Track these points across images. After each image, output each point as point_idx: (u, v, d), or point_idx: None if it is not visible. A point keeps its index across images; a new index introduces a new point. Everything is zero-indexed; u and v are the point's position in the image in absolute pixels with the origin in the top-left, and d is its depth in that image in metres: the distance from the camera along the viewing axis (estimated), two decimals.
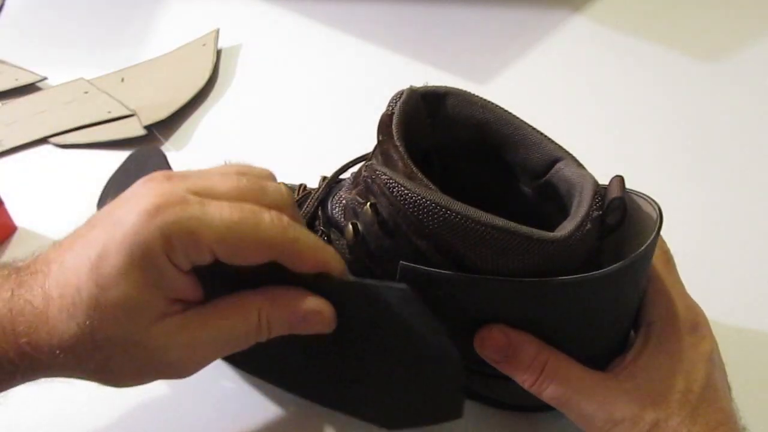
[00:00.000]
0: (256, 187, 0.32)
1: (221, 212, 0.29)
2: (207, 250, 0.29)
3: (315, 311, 0.32)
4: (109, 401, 0.41)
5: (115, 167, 0.59)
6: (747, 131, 0.58)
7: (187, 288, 0.30)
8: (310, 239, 0.32)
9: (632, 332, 0.36)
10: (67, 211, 0.55)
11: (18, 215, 0.54)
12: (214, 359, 0.32)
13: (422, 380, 0.34)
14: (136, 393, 0.36)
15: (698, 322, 0.34)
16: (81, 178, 0.58)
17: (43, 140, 0.61)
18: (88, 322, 0.28)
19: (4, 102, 0.66)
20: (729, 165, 0.55)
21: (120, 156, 0.60)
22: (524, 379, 0.32)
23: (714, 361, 0.33)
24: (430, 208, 0.30)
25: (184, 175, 0.32)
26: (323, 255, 0.32)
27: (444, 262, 0.31)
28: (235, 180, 0.32)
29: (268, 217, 0.30)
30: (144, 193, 0.30)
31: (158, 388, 0.41)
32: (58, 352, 0.29)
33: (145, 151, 0.52)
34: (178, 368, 0.31)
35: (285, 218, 0.31)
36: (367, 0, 0.75)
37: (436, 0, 0.75)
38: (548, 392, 0.32)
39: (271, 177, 0.35)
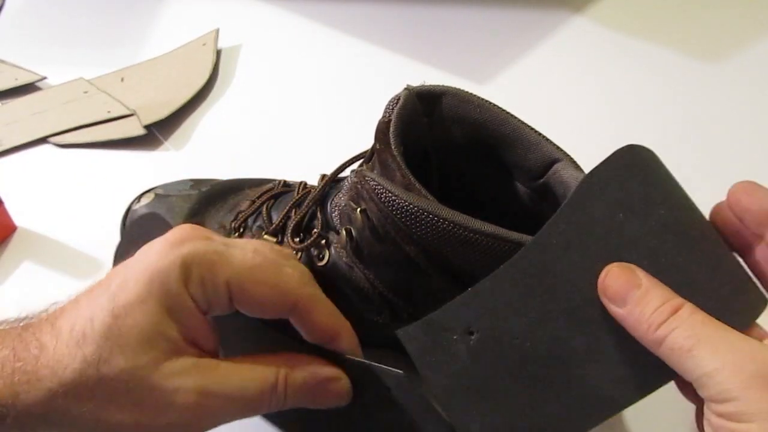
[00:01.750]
0: (276, 248, 0.33)
1: (244, 254, 0.30)
2: (224, 285, 0.29)
3: (334, 377, 0.31)
4: None
5: (114, 167, 0.59)
6: (748, 131, 0.58)
7: (203, 330, 0.29)
8: (328, 304, 0.31)
9: None
10: (66, 210, 0.56)
11: (18, 215, 0.54)
12: (222, 420, 0.29)
13: None
14: None
15: None
16: (81, 178, 0.58)
17: (42, 140, 0.62)
18: (97, 353, 0.27)
19: (3, 102, 0.66)
20: (730, 165, 0.55)
21: (120, 155, 0.60)
22: (650, 323, 0.26)
23: None
24: (417, 214, 0.30)
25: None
26: (337, 322, 0.32)
27: (434, 268, 0.31)
28: (259, 241, 0.32)
29: (290, 269, 0.31)
30: (168, 233, 0.30)
31: None
32: (57, 388, 0.27)
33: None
34: (183, 424, 0.28)
35: (307, 275, 0.31)
36: (367, 0, 0.75)
37: (436, 0, 0.74)
38: (674, 335, 0.25)
39: None
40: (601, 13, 0.72)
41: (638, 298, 0.27)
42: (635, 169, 0.29)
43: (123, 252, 0.47)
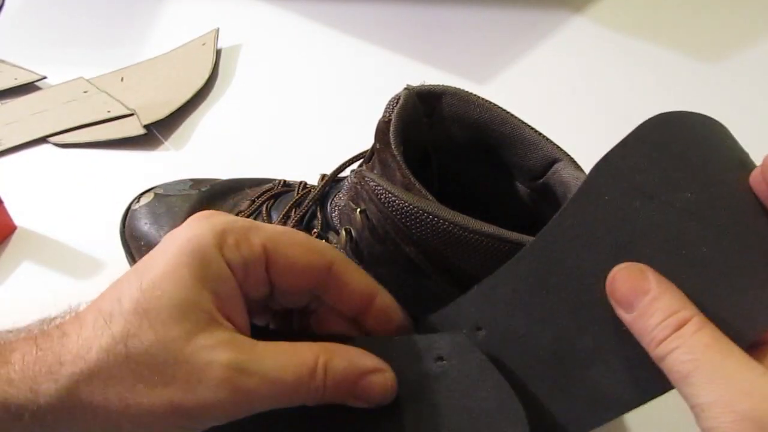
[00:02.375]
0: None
1: (273, 225, 0.29)
2: (260, 247, 0.28)
3: (377, 368, 0.28)
4: None
5: (114, 166, 0.59)
6: (747, 131, 0.58)
7: (238, 304, 0.28)
8: (363, 272, 0.30)
9: None
10: (66, 210, 0.55)
11: (18, 215, 0.54)
12: (257, 405, 0.27)
13: None
14: None
15: None
16: (81, 178, 0.58)
17: (42, 140, 0.61)
18: (125, 329, 0.25)
19: (3, 101, 0.66)
20: None
21: (120, 155, 0.60)
22: (652, 337, 0.25)
23: None
24: (417, 215, 0.30)
25: None
26: (372, 281, 0.30)
27: (434, 268, 0.31)
28: None
29: (315, 239, 0.30)
30: (192, 216, 0.29)
31: None
32: (81, 373, 0.25)
33: None
34: (216, 404, 0.25)
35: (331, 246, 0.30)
36: (367, 0, 0.75)
37: (436, 0, 0.74)
38: (674, 356, 0.24)
39: None
40: (601, 13, 0.72)
41: (645, 307, 0.25)
42: (658, 146, 0.27)
43: None
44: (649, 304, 0.25)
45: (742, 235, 0.26)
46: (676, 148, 0.27)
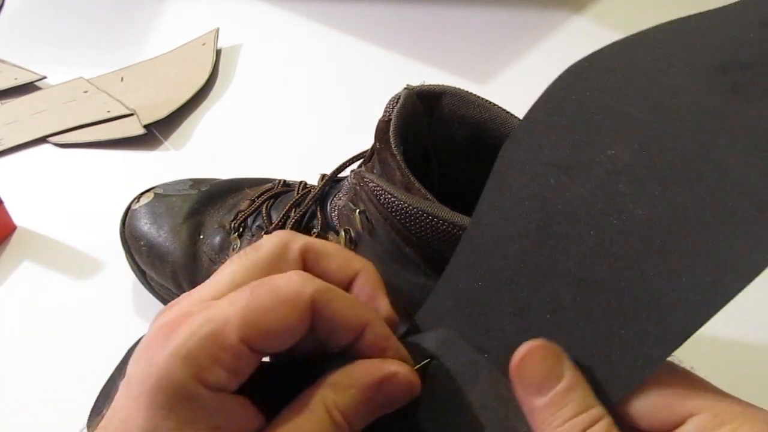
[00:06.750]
0: (250, 255, 0.26)
1: (230, 300, 0.24)
2: (237, 344, 0.23)
3: (388, 375, 0.24)
4: None
5: (114, 166, 0.59)
6: None
7: (237, 416, 0.24)
8: (343, 293, 0.25)
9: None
10: (66, 210, 0.56)
11: (17, 214, 0.54)
12: None
13: None
14: None
15: None
16: (80, 178, 0.58)
17: (42, 139, 0.62)
18: None
19: (3, 101, 0.66)
20: None
21: (120, 155, 0.60)
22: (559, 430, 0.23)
23: None
24: (416, 215, 0.30)
25: (188, 294, 0.26)
26: (363, 309, 0.25)
27: (433, 269, 0.31)
28: (231, 264, 0.26)
29: (281, 279, 0.24)
30: (147, 335, 0.24)
31: None
32: None
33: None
34: None
35: (302, 273, 0.25)
36: (367, 0, 0.75)
37: (436, 0, 0.74)
38: None
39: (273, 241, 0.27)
40: (601, 13, 0.72)
41: (558, 396, 0.23)
42: (564, 111, 0.24)
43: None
44: (563, 394, 0.23)
45: (689, 183, 0.21)
46: (585, 106, 0.24)
